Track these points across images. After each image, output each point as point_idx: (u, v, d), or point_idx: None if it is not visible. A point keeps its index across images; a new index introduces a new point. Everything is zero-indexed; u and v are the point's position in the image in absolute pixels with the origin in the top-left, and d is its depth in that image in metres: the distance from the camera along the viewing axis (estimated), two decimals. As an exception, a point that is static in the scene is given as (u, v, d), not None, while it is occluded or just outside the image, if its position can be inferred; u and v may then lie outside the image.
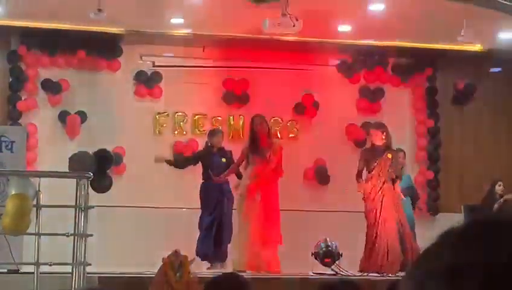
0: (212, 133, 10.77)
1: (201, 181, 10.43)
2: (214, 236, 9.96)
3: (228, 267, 9.62)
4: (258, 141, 9.69)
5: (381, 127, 9.94)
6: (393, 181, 9.74)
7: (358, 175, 9.93)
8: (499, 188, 11.72)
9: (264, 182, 9.55)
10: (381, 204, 9.53)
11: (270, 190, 9.60)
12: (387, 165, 9.73)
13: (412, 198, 11.32)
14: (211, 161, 10.26)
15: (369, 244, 9.48)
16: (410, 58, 13.31)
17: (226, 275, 4.52)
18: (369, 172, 9.83)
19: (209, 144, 10.56)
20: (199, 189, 10.36)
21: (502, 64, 13.26)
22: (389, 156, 9.80)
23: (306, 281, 8.33)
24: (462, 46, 12.12)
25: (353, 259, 9.09)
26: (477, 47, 12.52)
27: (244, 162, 9.88)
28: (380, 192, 9.60)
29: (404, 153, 10.90)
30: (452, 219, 12.22)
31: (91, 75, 12.40)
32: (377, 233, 9.44)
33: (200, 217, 10.26)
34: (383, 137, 9.80)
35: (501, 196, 11.71)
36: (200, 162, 10.53)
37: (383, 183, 9.66)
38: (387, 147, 9.85)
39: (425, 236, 10.95)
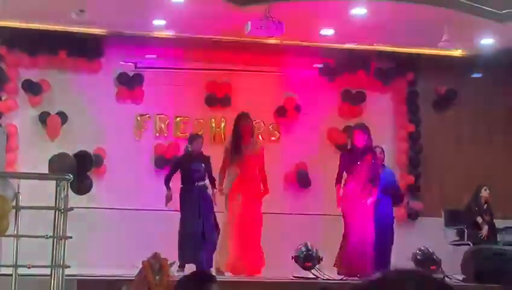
0: (192, 138, 10.72)
1: (179, 185, 10.37)
2: (198, 242, 9.90)
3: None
4: (241, 139, 9.63)
5: (364, 128, 9.92)
6: (373, 183, 9.72)
7: (338, 179, 9.88)
8: (485, 192, 11.73)
9: (246, 182, 9.47)
10: (360, 206, 9.51)
11: (252, 191, 9.53)
12: (368, 167, 9.71)
13: (394, 196, 11.27)
14: (190, 165, 10.23)
15: (344, 248, 9.48)
16: (391, 62, 13.35)
17: (194, 273, 4.53)
18: (348, 174, 9.80)
19: (189, 149, 10.52)
20: (179, 193, 10.30)
21: (482, 69, 13.32)
22: (369, 158, 9.79)
23: (286, 285, 8.31)
24: (443, 51, 12.17)
25: (333, 263, 9.08)
26: (458, 52, 12.58)
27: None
28: (360, 193, 9.59)
29: (382, 148, 10.87)
30: (432, 223, 12.29)
31: (72, 76, 12.34)
32: (353, 235, 9.43)
33: (180, 220, 10.20)
34: (366, 138, 9.79)
35: (486, 201, 11.70)
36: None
37: (363, 185, 9.64)
38: (368, 149, 9.83)
39: (405, 240, 11.00)
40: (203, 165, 10.17)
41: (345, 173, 9.83)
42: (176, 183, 10.48)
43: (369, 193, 9.60)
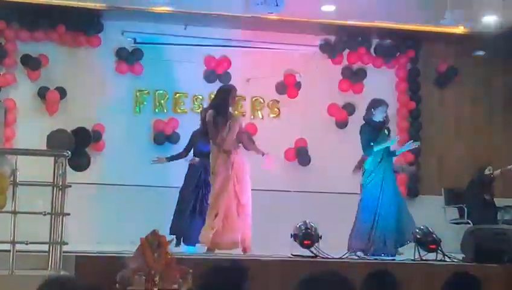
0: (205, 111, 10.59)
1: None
2: (193, 215, 9.87)
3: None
4: (223, 112, 9.46)
5: (385, 103, 9.92)
6: (391, 157, 9.77)
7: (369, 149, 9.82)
8: (488, 172, 11.70)
9: (230, 156, 9.35)
10: (381, 181, 9.51)
11: (238, 165, 9.42)
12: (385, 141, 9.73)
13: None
14: (198, 140, 10.17)
15: (362, 223, 9.48)
16: (393, 39, 13.27)
17: (230, 263, 4.45)
18: (367, 148, 9.78)
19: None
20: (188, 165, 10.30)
21: (484, 47, 13.23)
22: (386, 132, 9.82)
23: (285, 263, 8.28)
24: (445, 28, 12.07)
25: (333, 241, 9.05)
26: (460, 29, 12.48)
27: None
28: (379, 168, 9.59)
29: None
30: (432, 202, 12.26)
31: (71, 51, 12.25)
32: (375, 211, 9.44)
33: (179, 193, 10.17)
34: (386, 114, 9.84)
35: (490, 181, 11.64)
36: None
37: (381, 159, 9.64)
38: (385, 124, 9.87)
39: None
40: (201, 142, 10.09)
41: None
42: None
43: (388, 168, 9.61)
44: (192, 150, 10.31)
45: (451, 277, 3.92)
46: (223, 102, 9.52)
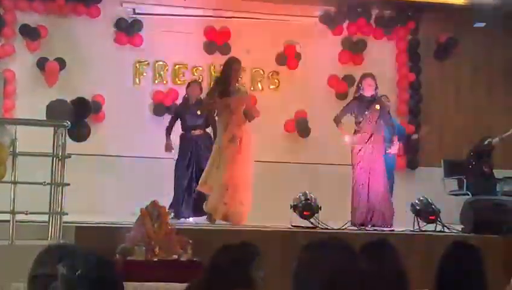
0: (188, 84, 10.63)
1: (180, 132, 10.32)
2: (190, 189, 9.87)
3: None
4: (229, 84, 9.43)
5: (373, 77, 9.83)
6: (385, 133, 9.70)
7: (338, 119, 9.76)
8: (487, 143, 11.70)
9: (238, 130, 9.32)
10: (370, 157, 9.46)
11: (245, 139, 9.39)
12: (376, 116, 9.64)
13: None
14: (185, 113, 10.17)
15: (356, 197, 9.45)
16: (393, 10, 13.21)
17: (240, 244, 4.47)
18: (357, 124, 9.72)
19: (186, 96, 10.43)
20: (179, 140, 10.26)
21: (484, 17, 13.17)
22: (377, 107, 9.71)
23: (285, 233, 8.30)
24: (446, -1, 12.02)
25: (332, 212, 9.07)
26: (461, 0, 12.42)
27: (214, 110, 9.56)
28: (368, 144, 9.53)
29: (387, 97, 10.83)
30: (431, 173, 12.27)
31: (70, 22, 12.20)
32: (364, 185, 9.40)
33: (176, 167, 10.16)
34: (375, 88, 9.72)
35: (489, 152, 11.64)
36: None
37: (371, 135, 9.58)
38: (376, 98, 9.75)
39: (404, 190, 10.99)
40: (198, 112, 10.06)
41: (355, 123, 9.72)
42: (177, 129, 10.42)
43: (378, 144, 9.54)
44: (181, 124, 10.26)
45: (450, 246, 3.93)
46: (227, 76, 9.49)
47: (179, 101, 12.14)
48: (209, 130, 10.17)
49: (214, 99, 9.40)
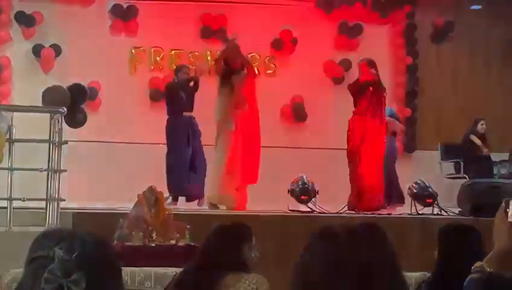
0: (178, 68, 10.59)
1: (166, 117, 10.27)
2: (186, 172, 9.87)
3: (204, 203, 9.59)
4: (230, 66, 9.44)
5: (372, 62, 9.79)
6: (381, 119, 9.66)
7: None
8: (481, 127, 11.74)
9: (238, 112, 9.32)
10: (367, 141, 9.44)
11: (247, 121, 9.39)
12: (374, 100, 9.60)
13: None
14: (176, 95, 10.12)
15: (353, 181, 9.45)
16: (389, -6, 13.18)
17: (234, 224, 4.48)
18: (355, 106, 9.69)
19: (175, 80, 10.37)
20: (166, 124, 10.19)
21: (481, 1, 13.16)
22: (375, 91, 9.67)
23: (283, 218, 8.31)
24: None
25: (329, 196, 9.08)
26: (456, -17, 12.41)
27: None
28: (365, 128, 9.49)
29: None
30: (428, 157, 12.28)
31: (66, 8, 12.16)
32: (359, 169, 9.39)
33: (167, 152, 10.13)
34: (373, 72, 9.68)
35: (483, 135, 11.70)
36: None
37: (370, 119, 9.54)
38: (375, 82, 9.71)
39: (402, 173, 11.00)
40: (187, 96, 10.06)
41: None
42: (162, 115, 10.38)
43: (375, 128, 9.52)
44: (168, 108, 10.23)
45: (451, 229, 3.93)
46: (226, 58, 9.51)
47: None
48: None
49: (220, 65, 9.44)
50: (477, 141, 11.57)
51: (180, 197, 9.94)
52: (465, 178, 10.79)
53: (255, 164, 9.43)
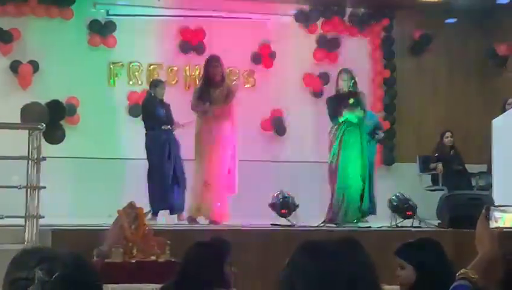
0: (156, 83, 10.54)
1: (144, 131, 10.23)
2: (169, 185, 9.85)
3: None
4: (210, 82, 9.47)
5: (346, 71, 9.80)
6: (360, 125, 9.63)
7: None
8: (447, 139, 11.81)
9: (217, 124, 9.33)
10: (345, 151, 9.42)
11: (224, 132, 9.40)
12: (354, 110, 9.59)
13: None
14: (155, 110, 10.12)
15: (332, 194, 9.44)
16: (367, 7, 13.26)
17: (214, 240, 4.47)
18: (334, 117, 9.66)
19: (152, 94, 10.34)
20: (145, 139, 10.17)
21: (458, 14, 13.26)
22: (351, 101, 9.66)
23: (267, 232, 8.31)
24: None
25: (309, 210, 9.09)
26: (433, -4, 12.49)
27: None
28: (343, 137, 9.47)
29: (363, 93, 10.80)
30: (407, 169, 12.33)
31: (43, 24, 12.11)
32: (338, 181, 9.38)
33: (149, 167, 10.10)
34: (352, 82, 9.67)
35: (451, 147, 11.78)
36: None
37: (343, 132, 9.53)
38: (352, 92, 9.70)
39: (381, 186, 11.04)
40: (163, 111, 10.09)
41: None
42: (141, 129, 10.36)
43: (355, 137, 9.51)
44: (147, 122, 10.21)
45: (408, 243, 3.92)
46: (206, 72, 9.55)
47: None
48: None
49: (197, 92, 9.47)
50: (433, 166, 11.59)
51: (162, 210, 9.91)
52: (444, 190, 10.84)
53: (233, 175, 9.44)
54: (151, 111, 10.17)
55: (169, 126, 10.08)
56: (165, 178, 9.88)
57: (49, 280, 1.40)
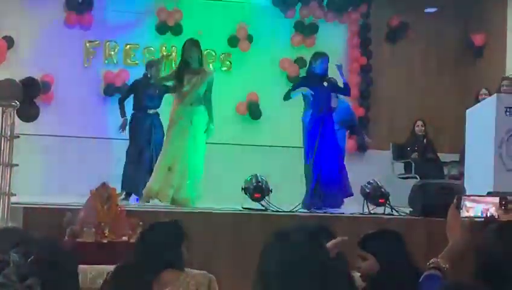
0: (151, 64, 10.39)
1: (131, 112, 10.15)
2: (144, 170, 9.78)
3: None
4: (187, 65, 9.39)
5: (325, 55, 9.76)
6: (331, 110, 9.66)
7: (287, 96, 9.71)
8: (417, 128, 11.88)
9: (192, 110, 9.27)
10: (320, 135, 9.41)
11: (198, 120, 9.35)
12: (325, 94, 9.58)
13: (351, 129, 11.32)
14: (144, 91, 10.01)
15: (309, 179, 9.44)
16: (345, -6, 13.27)
17: (168, 223, 4.45)
18: (307, 102, 9.65)
19: (148, 75, 10.20)
20: (130, 120, 10.10)
21: (436, 3, 13.31)
22: (325, 84, 9.65)
23: (237, 216, 8.32)
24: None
25: (283, 194, 9.11)
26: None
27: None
28: (320, 122, 9.47)
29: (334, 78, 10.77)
30: (381, 156, 12.39)
31: (19, 0, 12.00)
32: (315, 166, 9.38)
33: (128, 148, 10.03)
34: (325, 67, 9.65)
35: (424, 136, 11.85)
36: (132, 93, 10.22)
37: (321, 112, 9.51)
38: (326, 77, 9.68)
39: (354, 173, 11.07)
40: (157, 91, 9.95)
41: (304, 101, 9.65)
42: (116, 110, 10.30)
43: (328, 122, 9.51)
44: (134, 102, 10.11)
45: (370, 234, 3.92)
46: (185, 56, 9.44)
47: (130, 81, 12.07)
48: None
49: (172, 74, 9.42)
50: (414, 155, 11.65)
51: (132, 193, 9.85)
52: (417, 178, 10.91)
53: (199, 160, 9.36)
54: (138, 92, 10.05)
55: (155, 110, 9.95)
56: (142, 163, 9.81)
57: (24, 262, 1.40)
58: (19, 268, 1.40)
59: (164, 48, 12.52)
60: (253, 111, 12.83)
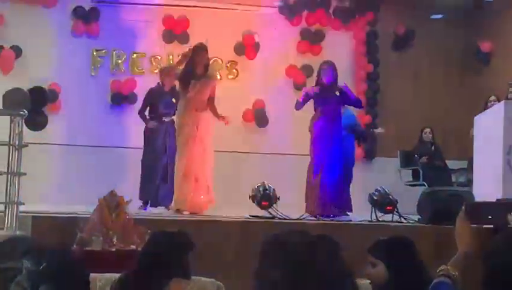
0: (165, 71, 10.37)
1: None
2: (160, 178, 9.78)
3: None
4: (194, 70, 9.40)
5: (328, 63, 9.75)
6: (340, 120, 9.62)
7: (299, 105, 9.67)
8: (425, 135, 11.88)
9: (198, 115, 9.29)
10: (327, 143, 9.39)
11: (204, 125, 9.37)
12: (334, 102, 9.55)
13: (359, 136, 11.30)
14: (158, 100, 10.00)
15: (311, 185, 9.41)
16: (352, 1, 13.27)
17: (175, 233, 4.44)
18: (316, 111, 9.63)
19: (161, 83, 10.21)
20: (144, 128, 10.10)
21: (443, 10, 13.30)
22: (337, 93, 9.63)
23: (247, 224, 8.30)
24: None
25: (291, 202, 9.10)
26: (418, -8, 12.54)
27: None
28: (327, 130, 9.44)
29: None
30: (388, 164, 12.37)
31: (27, 9, 12.04)
32: (321, 173, 9.36)
33: (143, 157, 10.03)
34: (334, 75, 9.62)
35: (432, 143, 11.85)
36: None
37: (329, 121, 9.49)
38: (335, 85, 9.66)
39: (362, 180, 11.07)
40: (173, 100, 9.93)
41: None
42: (136, 117, 10.29)
43: (336, 130, 9.48)
44: (150, 111, 10.13)
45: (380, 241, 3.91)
46: (191, 60, 9.45)
47: (137, 90, 12.11)
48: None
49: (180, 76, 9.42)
50: (423, 159, 11.63)
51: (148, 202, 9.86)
52: (425, 185, 10.88)
53: (210, 167, 9.39)
54: (152, 101, 10.05)
55: (170, 118, 9.95)
56: (156, 171, 9.81)
57: (36, 269, 1.41)
58: (31, 275, 1.41)
59: (171, 57, 12.54)
60: (260, 119, 12.83)
